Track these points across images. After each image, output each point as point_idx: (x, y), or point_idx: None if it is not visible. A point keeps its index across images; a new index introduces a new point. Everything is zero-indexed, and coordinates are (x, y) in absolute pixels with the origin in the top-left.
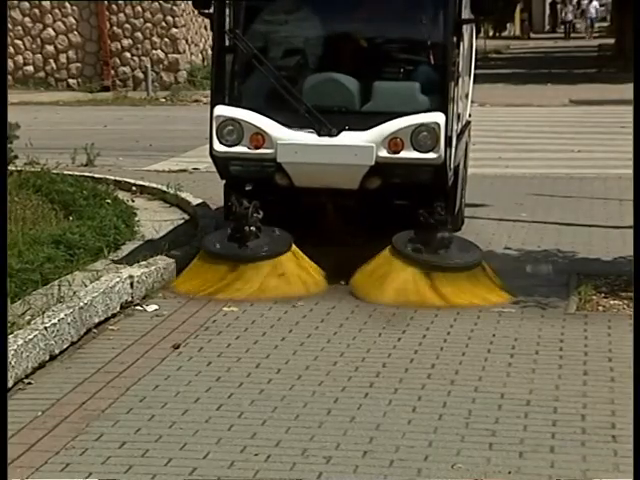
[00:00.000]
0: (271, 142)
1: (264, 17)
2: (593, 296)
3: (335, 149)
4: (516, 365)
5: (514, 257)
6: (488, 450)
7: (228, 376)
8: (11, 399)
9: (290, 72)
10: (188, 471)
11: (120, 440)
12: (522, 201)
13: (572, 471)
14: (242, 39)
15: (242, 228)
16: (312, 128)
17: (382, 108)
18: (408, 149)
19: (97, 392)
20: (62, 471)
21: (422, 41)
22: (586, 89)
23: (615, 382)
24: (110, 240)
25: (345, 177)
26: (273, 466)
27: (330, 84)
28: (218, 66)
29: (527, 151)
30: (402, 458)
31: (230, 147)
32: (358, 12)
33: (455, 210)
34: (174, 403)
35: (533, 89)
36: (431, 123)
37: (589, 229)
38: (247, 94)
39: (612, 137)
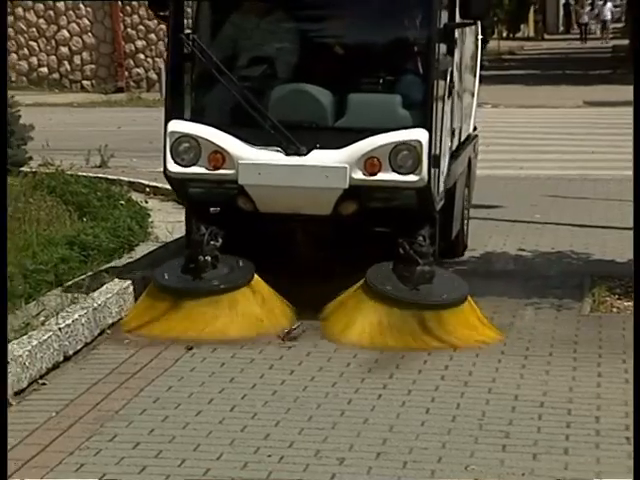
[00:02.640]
0: (232, 162)
1: (226, 21)
2: (607, 298)
3: (304, 170)
4: (529, 367)
5: (528, 258)
6: (502, 452)
7: (241, 377)
8: (25, 400)
9: (255, 83)
10: (202, 472)
11: (134, 441)
12: (536, 202)
13: (586, 473)
14: (200, 46)
15: (197, 258)
16: (278, 146)
17: (357, 124)
18: (386, 170)
19: (111, 393)
20: (76, 471)
21: (404, 49)
22: (600, 90)
23: (629, 384)
24: (124, 241)
25: (316, 202)
26: (286, 467)
27: (299, 96)
28: (174, 76)
29: (541, 152)
30: (415, 460)
31: (186, 167)
32: (331, 16)
33: (452, 235)
34: (187, 404)
35: (547, 90)
36: (412, 141)
37: (603, 231)
38: (206, 108)
39: (626, 138)
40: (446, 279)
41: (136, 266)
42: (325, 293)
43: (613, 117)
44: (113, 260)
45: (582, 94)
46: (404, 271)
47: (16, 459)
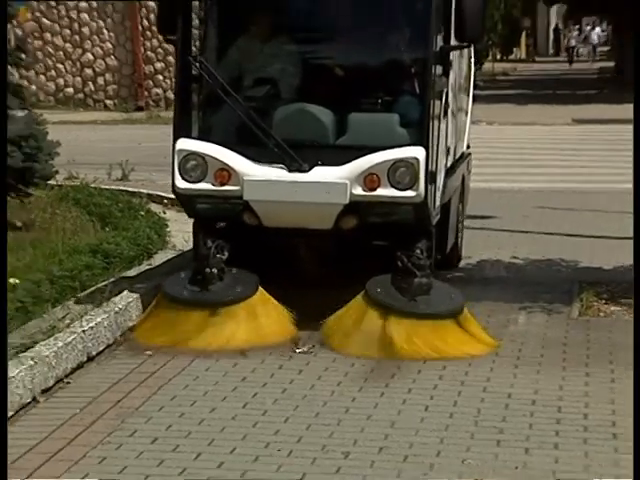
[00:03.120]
0: (237, 178)
1: (232, 45)
2: (594, 302)
3: (306, 186)
4: (522, 367)
5: (520, 264)
6: (496, 447)
7: (253, 377)
8: (52, 397)
9: (259, 103)
10: (216, 465)
11: (152, 436)
12: (528, 213)
13: (574, 466)
14: (207, 67)
15: (203, 270)
16: (282, 163)
17: (357, 142)
18: (385, 186)
19: (131, 391)
20: (99, 464)
21: (401, 70)
22: (587, 109)
23: (615, 383)
24: (143, 249)
25: (318, 216)
26: (295, 461)
27: (302, 116)
28: (181, 96)
29: (533, 167)
30: (415, 454)
31: (194, 183)
32: (332, 40)
33: (447, 248)
34: (203, 401)
35: (538, 109)
36: (409, 158)
37: (591, 240)
38: (212, 126)
39: (613, 154)
40: (443, 290)
41: (155, 273)
42: (327, 304)
43: (600, 134)
44: (133, 267)
45: (571, 112)
46: (402, 283)
47: (43, 452)
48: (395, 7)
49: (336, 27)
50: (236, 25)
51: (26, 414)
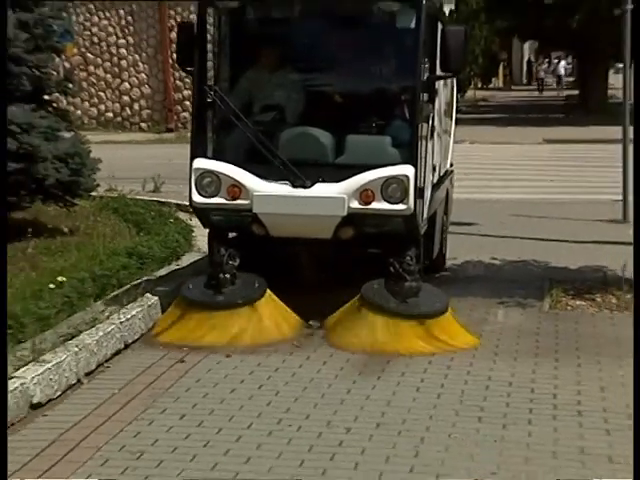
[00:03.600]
0: (247, 193)
1: (243, 75)
2: (563, 298)
3: (309, 200)
4: (500, 354)
5: (498, 265)
6: (478, 422)
7: (267, 362)
8: (94, 379)
9: (266, 127)
10: (234, 438)
11: (180, 413)
12: (505, 221)
13: (545, 439)
14: (221, 95)
15: (217, 275)
16: (287, 180)
17: (354, 161)
18: (379, 200)
19: (162, 374)
20: (134, 437)
21: (393, 97)
22: (556, 130)
23: (581, 368)
24: (172, 252)
25: (319, 227)
26: (304, 435)
27: (304, 138)
28: (197, 120)
29: (509, 180)
30: (408, 429)
31: (208, 198)
32: (331, 70)
33: (433, 255)
34: (223, 383)
35: (513, 130)
36: (400, 175)
37: (559, 243)
38: (225, 147)
39: (579, 169)
40: (430, 293)
41: (182, 272)
42: (326, 305)
43: (567, 152)
44: (164, 267)
45: (542, 133)
46: (394, 286)
47: (86, 427)
48: (387, 42)
49: (335, 59)
50: (246, 58)
51: (72, 394)
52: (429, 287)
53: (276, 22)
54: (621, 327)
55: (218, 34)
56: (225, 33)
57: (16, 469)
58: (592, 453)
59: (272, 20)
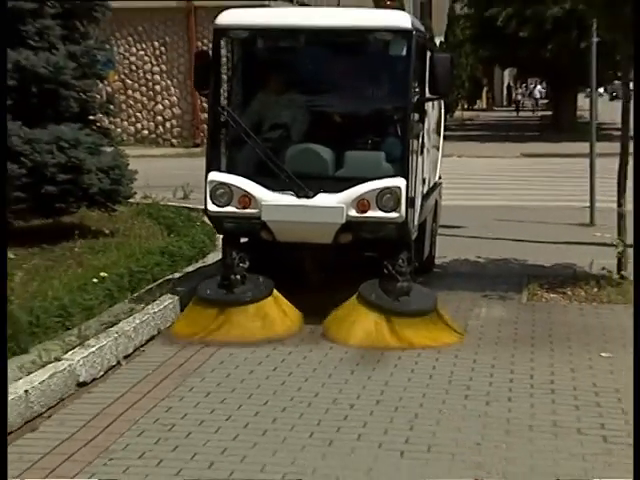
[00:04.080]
0: (256, 203)
1: (252, 97)
2: (538, 291)
3: (311, 209)
4: (484, 340)
5: (482, 263)
6: (464, 400)
7: (280, 348)
8: (131, 362)
9: (273, 143)
10: (253, 413)
11: (206, 391)
12: (488, 224)
13: (523, 414)
14: (233, 115)
15: (229, 276)
16: (292, 191)
17: (352, 174)
18: (374, 209)
19: (190, 357)
20: (166, 412)
21: (386, 117)
22: (532, 146)
23: (554, 352)
24: (199, 251)
25: (320, 233)
26: (313, 410)
27: (307, 153)
28: (212, 138)
29: (492, 189)
30: (404, 405)
31: (222, 207)
32: (332, 92)
33: (423, 257)
34: (243, 365)
35: (495, 145)
36: (393, 187)
37: (535, 244)
38: (236, 162)
39: (552, 180)
40: (420, 292)
41: (208, 269)
42: (327, 303)
43: (542, 165)
44: (192, 264)
45: (520, 148)
46: (388, 286)
47: (124, 402)
48: (381, 68)
49: (335, 83)
50: (255, 82)
51: (113, 374)
52: (419, 287)
53: (282, 50)
54: (589, 317)
55: (231, 61)
56: (237, 60)
57: (65, 438)
58: (563, 426)
59: (279, 48)
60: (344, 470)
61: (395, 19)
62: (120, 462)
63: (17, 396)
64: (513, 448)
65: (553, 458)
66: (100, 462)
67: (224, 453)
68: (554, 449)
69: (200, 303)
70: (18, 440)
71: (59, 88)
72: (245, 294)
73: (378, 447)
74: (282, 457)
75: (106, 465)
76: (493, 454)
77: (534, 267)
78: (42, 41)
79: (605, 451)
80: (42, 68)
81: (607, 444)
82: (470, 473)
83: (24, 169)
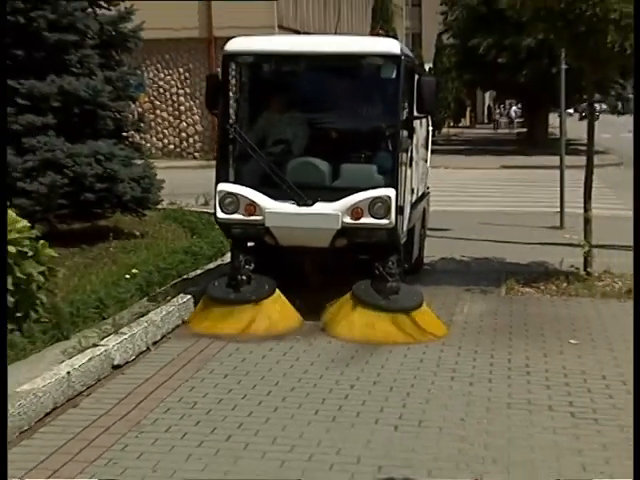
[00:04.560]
0: (261, 211)
1: (257, 115)
2: (515, 286)
3: (310, 216)
4: (468, 329)
5: (466, 261)
6: (450, 381)
7: (277, 348)
8: (160, 347)
9: (276, 157)
10: (265, 393)
11: (224, 374)
12: (472, 227)
13: (501, 393)
14: (239, 132)
15: (236, 277)
16: (293, 200)
17: (347, 184)
18: (367, 216)
19: (209, 345)
20: (189, 392)
21: (378, 133)
22: (510, 159)
23: (529, 339)
24: (218, 250)
25: (318, 238)
26: (318, 391)
27: (307, 166)
28: (221, 152)
29: (474, 196)
30: (397, 386)
31: (229, 215)
32: (329, 111)
33: (413, 259)
34: (256, 353)
35: (478, 158)
36: (384, 196)
37: (513, 244)
38: (243, 174)
39: (528, 188)
40: (408, 291)
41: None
42: (324, 301)
43: (519, 175)
44: (211, 262)
45: (499, 161)
46: (379, 286)
47: (153, 382)
48: (374, 90)
49: (331, 103)
50: (260, 102)
51: (144, 358)
52: (408, 287)
53: (285, 74)
54: (559, 308)
55: (238, 83)
56: (243, 82)
57: (102, 414)
58: (536, 404)
59: (281, 72)
60: (345, 442)
61: (386, 45)
62: (149, 435)
63: (60, 377)
64: (493, 423)
65: (528, 432)
66: (132, 434)
67: (240, 427)
68: (529, 423)
69: (210, 301)
70: (62, 415)
71: (97, 109)
72: (251, 293)
73: (375, 422)
74: (291, 431)
75: (137, 437)
76: (475, 428)
77: (511, 265)
78: (83, 68)
79: (573, 425)
80: (83, 92)
81: (575, 419)
82: (455, 445)
83: (66, 179)
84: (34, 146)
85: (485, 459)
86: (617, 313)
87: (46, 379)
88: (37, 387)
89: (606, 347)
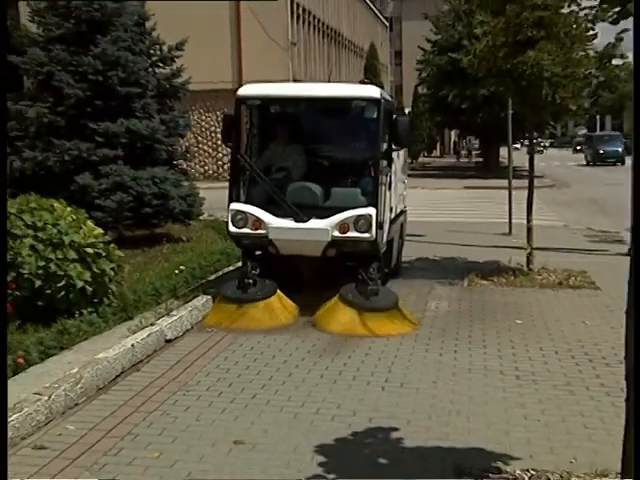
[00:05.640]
0: (265, 226)
1: (263, 147)
2: (475, 279)
3: (306, 230)
4: (438, 312)
5: (437, 260)
6: (425, 352)
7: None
8: (200, 327)
9: (279, 182)
10: (275, 370)
11: (236, 360)
12: (441, 234)
13: (464, 361)
14: (248, 161)
15: (244, 280)
16: (291, 217)
17: (336, 204)
18: (352, 231)
19: (225, 335)
20: (206, 376)
21: (362, 163)
22: (470, 182)
23: (485, 319)
24: None
25: (312, 248)
26: (321, 362)
27: (303, 189)
28: (233, 178)
29: (444, 210)
30: (385, 357)
31: (239, 229)
32: (322, 144)
33: (391, 265)
34: (264, 341)
35: (446, 181)
36: (367, 215)
37: (473, 247)
38: (251, 195)
39: (485, 203)
40: (386, 293)
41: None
42: (317, 300)
43: (477, 194)
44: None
45: (462, 183)
46: (362, 288)
47: (197, 353)
48: (358, 127)
49: (324, 137)
50: (266, 137)
51: (188, 335)
52: (385, 289)
53: (286, 113)
54: (508, 296)
55: (248, 121)
56: (252, 120)
57: (157, 377)
58: (491, 369)
59: (283, 112)
60: (344, 399)
61: (368, 91)
62: (194, 393)
63: (126, 348)
64: (457, 384)
65: (483, 390)
66: (180, 393)
67: (263, 388)
68: (485, 384)
69: (223, 300)
70: (128, 377)
71: (154, 143)
72: (256, 293)
73: (367, 384)
74: (302, 391)
75: (184, 395)
76: (444, 389)
77: (471, 263)
78: (144, 113)
79: (517, 385)
80: (144, 130)
81: (519, 380)
82: (428, 401)
83: (131, 197)
84: (107, 172)
85: (451, 411)
86: (551, 300)
87: (116, 349)
88: (109, 356)
89: (543, 325)
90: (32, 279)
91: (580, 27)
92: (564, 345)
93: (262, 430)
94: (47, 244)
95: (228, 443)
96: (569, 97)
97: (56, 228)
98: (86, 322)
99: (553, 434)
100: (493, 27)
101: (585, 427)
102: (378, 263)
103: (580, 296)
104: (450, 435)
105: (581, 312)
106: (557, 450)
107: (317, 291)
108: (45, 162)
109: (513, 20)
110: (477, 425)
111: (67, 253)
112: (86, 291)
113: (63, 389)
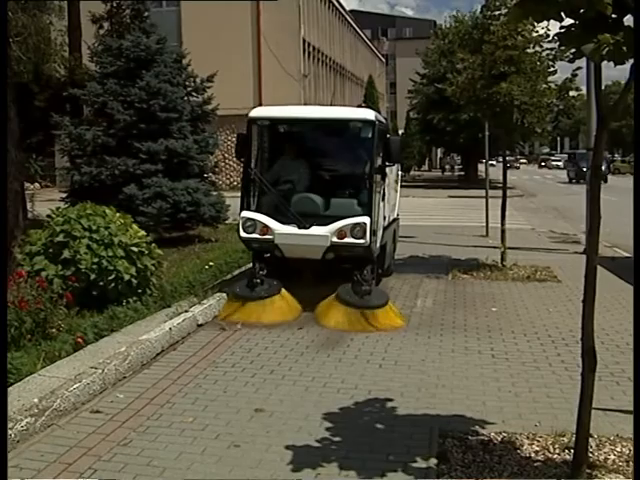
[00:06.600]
0: (272, 231)
1: (271, 162)
2: (457, 273)
3: (308, 236)
4: (427, 303)
5: (426, 258)
6: (416, 335)
7: (283, 334)
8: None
9: (284, 193)
10: (283, 357)
11: (247, 349)
12: (429, 235)
13: (448, 342)
14: (257, 174)
15: (252, 279)
16: (295, 224)
17: (334, 213)
18: (349, 237)
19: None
20: (239, 348)
21: (358, 177)
22: (453, 191)
23: (466, 306)
24: None
25: (313, 252)
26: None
27: (306, 200)
28: (244, 188)
29: (432, 215)
30: (382, 340)
31: (249, 234)
32: (323, 160)
33: (384, 267)
34: (271, 333)
35: (433, 191)
36: (362, 223)
37: (455, 247)
38: (260, 205)
39: (465, 210)
40: (378, 293)
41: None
42: (317, 299)
43: (459, 202)
44: None
45: (447, 193)
46: (356, 288)
47: (224, 336)
48: (355, 145)
49: (325, 154)
50: (273, 153)
51: (216, 320)
52: (378, 289)
53: (291, 132)
54: (485, 288)
55: (258, 139)
56: (262, 139)
57: (191, 355)
58: (470, 349)
59: (289, 131)
60: (347, 375)
61: (364, 114)
62: (221, 369)
63: (165, 331)
64: (442, 361)
65: (464, 367)
66: (210, 369)
67: (279, 365)
68: (465, 362)
69: (234, 298)
70: (166, 354)
71: (188, 160)
72: (263, 292)
73: (367, 362)
74: (312, 368)
75: (213, 370)
76: (431, 366)
77: (455, 260)
78: (180, 134)
79: (493, 362)
80: (179, 149)
81: (494, 359)
82: (418, 376)
83: (169, 205)
84: (149, 184)
85: (437, 385)
86: (521, 291)
87: (156, 332)
88: (151, 337)
89: (514, 312)
90: (88, 273)
91: (543, 64)
92: (531, 329)
93: (278, 400)
94: (100, 244)
95: (250, 411)
96: (535, 122)
97: (107, 230)
98: (132, 309)
99: (522, 403)
100: (472, 63)
101: (548, 397)
102: (372, 266)
103: (544, 288)
104: (436, 405)
105: (545, 301)
106: (525, 416)
107: (317, 290)
108: (99, 176)
109: (488, 57)
110: (459, 396)
111: (116, 251)
112: (132, 283)
113: (114, 364)
